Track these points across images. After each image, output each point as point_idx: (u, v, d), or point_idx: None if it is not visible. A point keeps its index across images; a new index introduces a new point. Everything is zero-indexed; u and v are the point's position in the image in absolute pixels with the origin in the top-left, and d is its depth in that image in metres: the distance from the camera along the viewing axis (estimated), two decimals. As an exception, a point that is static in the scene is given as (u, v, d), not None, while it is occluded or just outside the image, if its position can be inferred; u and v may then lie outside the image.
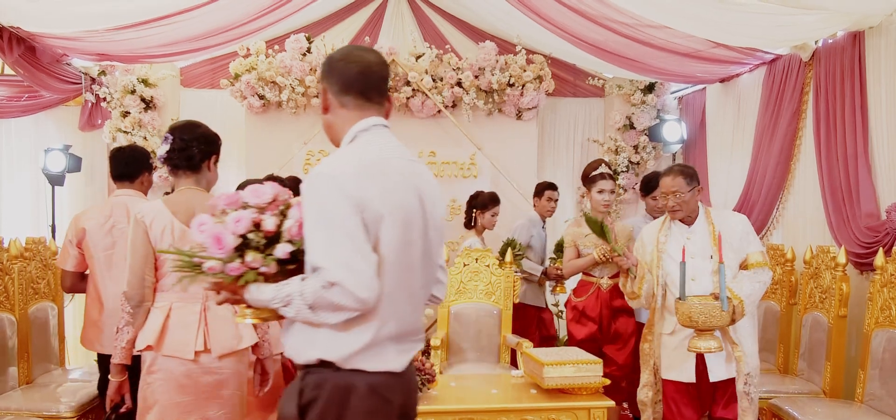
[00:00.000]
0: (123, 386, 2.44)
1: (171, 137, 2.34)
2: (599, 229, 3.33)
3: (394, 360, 1.68)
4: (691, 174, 3.14)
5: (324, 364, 1.64)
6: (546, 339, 4.83)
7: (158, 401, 2.29)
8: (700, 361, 3.03)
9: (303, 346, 1.66)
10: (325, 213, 1.57)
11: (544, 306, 4.91)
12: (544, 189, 4.91)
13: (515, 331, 4.85)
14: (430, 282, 1.81)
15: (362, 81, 1.71)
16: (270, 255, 1.65)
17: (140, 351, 2.33)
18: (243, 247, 1.66)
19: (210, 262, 1.67)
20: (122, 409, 2.52)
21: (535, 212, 4.92)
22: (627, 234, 3.95)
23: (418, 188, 1.71)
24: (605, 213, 3.89)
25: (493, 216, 4.71)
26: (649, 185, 4.55)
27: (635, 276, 3.17)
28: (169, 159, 2.37)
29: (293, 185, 4.76)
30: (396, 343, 1.69)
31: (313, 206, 1.59)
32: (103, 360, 3.28)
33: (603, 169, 3.89)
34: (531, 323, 4.80)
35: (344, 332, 1.61)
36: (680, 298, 2.71)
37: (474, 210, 4.76)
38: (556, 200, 4.93)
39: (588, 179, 3.93)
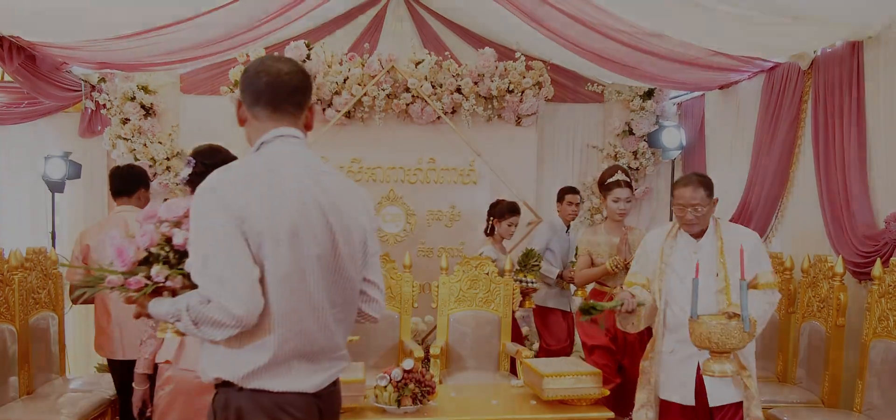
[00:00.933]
0: (146, 393, 2.66)
1: (193, 161, 2.39)
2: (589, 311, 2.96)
3: (305, 380, 1.65)
4: (711, 185, 2.93)
5: (225, 384, 1.63)
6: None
7: (174, 410, 2.41)
8: (700, 382, 2.85)
9: (205, 365, 1.67)
10: (203, 228, 1.56)
11: (569, 310, 4.89)
12: (565, 194, 4.91)
13: (541, 334, 4.87)
14: (348, 298, 1.75)
15: (271, 92, 1.68)
16: (181, 269, 1.66)
17: (160, 363, 2.47)
18: (152, 260, 1.68)
19: (111, 275, 1.68)
20: (148, 412, 2.71)
21: (559, 217, 4.92)
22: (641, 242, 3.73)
23: (320, 201, 1.65)
24: (620, 221, 3.77)
25: (509, 225, 4.67)
26: None
27: (631, 314, 2.93)
28: (191, 182, 2.43)
29: None
30: (308, 362, 1.66)
31: (195, 221, 1.58)
32: (112, 365, 3.56)
33: (619, 177, 3.70)
34: (560, 326, 4.80)
35: (239, 350, 1.60)
36: (693, 317, 2.48)
37: (492, 218, 4.75)
38: (578, 204, 4.92)
39: (604, 187, 3.75)
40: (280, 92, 1.69)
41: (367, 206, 1.81)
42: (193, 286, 1.60)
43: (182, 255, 1.67)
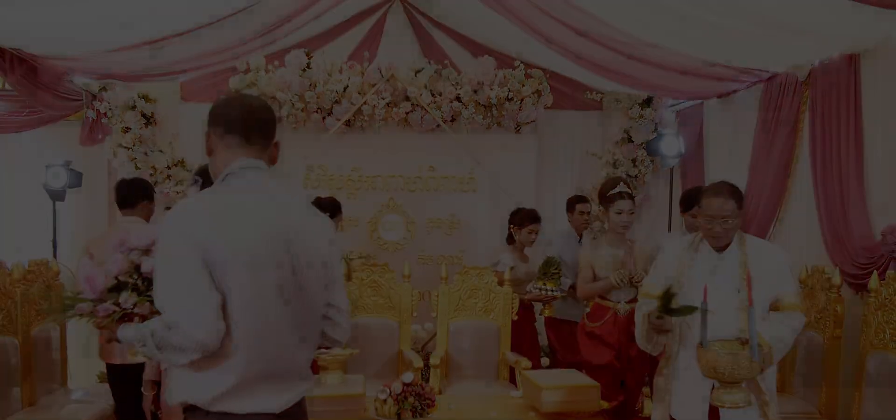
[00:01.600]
0: (155, 399, 2.83)
1: (200, 180, 2.43)
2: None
3: (270, 401, 1.71)
4: (741, 196, 2.73)
5: (193, 408, 1.68)
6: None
7: (173, 415, 2.49)
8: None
9: (172, 389, 1.72)
10: (166, 257, 1.63)
11: (580, 321, 4.85)
12: (575, 202, 4.86)
13: (552, 346, 4.83)
14: (310, 322, 1.82)
15: (243, 122, 1.77)
16: (149, 295, 1.70)
17: (164, 369, 2.55)
18: (121, 288, 1.72)
19: (80, 303, 1.72)
20: (159, 415, 2.86)
21: (571, 226, 4.88)
22: (646, 255, 3.65)
23: (282, 229, 1.72)
24: (623, 233, 3.68)
25: (529, 233, 4.59)
26: (690, 201, 4.14)
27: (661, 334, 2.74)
28: None
29: (331, 205, 4.80)
30: (273, 384, 1.72)
31: (159, 250, 1.66)
32: (111, 369, 3.63)
33: (622, 188, 3.59)
34: (573, 338, 4.77)
35: (203, 373, 1.65)
36: (702, 344, 2.28)
37: (512, 226, 4.69)
38: (589, 213, 4.87)
39: (606, 198, 3.63)
40: (252, 122, 1.79)
41: (330, 233, 1.90)
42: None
43: (150, 282, 1.72)
